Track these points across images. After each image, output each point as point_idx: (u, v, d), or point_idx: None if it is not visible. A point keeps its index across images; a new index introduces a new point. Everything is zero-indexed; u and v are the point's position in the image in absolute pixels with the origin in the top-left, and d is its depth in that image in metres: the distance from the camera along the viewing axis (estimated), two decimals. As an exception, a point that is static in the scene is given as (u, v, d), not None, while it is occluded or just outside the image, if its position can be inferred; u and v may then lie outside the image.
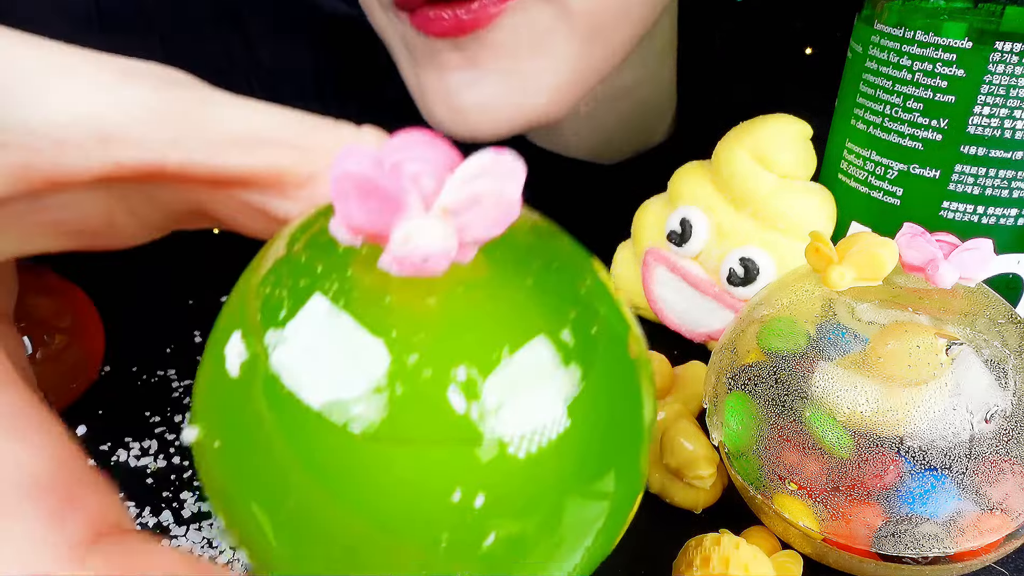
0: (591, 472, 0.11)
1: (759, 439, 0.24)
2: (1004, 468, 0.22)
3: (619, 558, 0.26)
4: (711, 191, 0.33)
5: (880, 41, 0.29)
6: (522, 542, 0.11)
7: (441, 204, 0.10)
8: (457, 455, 0.10)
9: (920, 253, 0.24)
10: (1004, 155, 0.27)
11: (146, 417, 0.32)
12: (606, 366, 0.11)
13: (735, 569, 0.22)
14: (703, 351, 0.36)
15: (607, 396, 0.11)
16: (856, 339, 0.23)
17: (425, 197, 0.10)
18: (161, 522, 0.27)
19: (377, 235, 0.11)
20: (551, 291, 0.11)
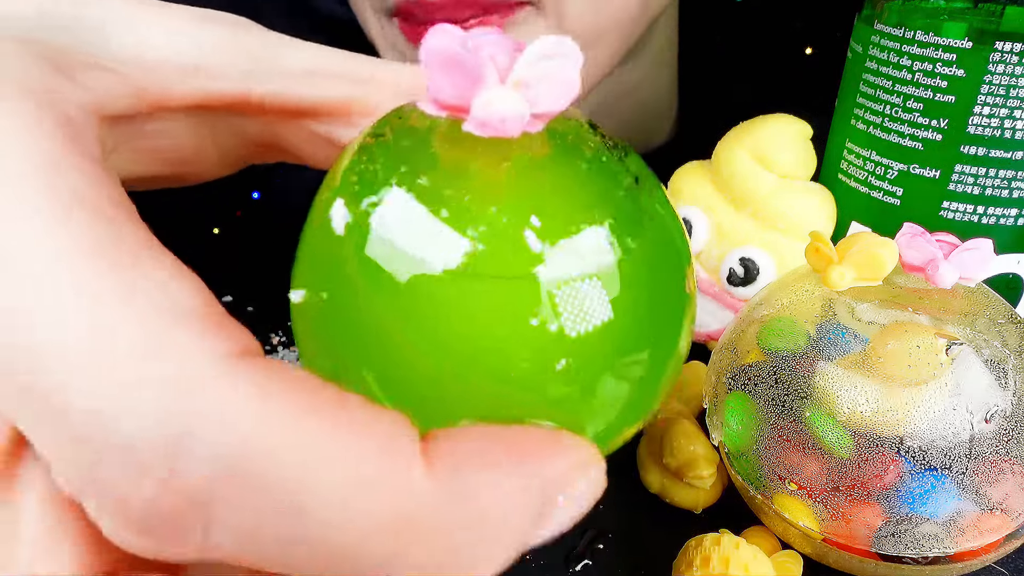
0: (640, 316, 0.13)
1: (759, 439, 0.24)
2: (1004, 468, 0.22)
3: (619, 558, 0.26)
4: (711, 191, 0.33)
5: (880, 41, 0.29)
6: (585, 372, 0.13)
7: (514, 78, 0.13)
8: (533, 287, 0.12)
9: (920, 253, 0.24)
10: (1004, 155, 0.27)
11: (146, 417, 0.32)
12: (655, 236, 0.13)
13: (735, 569, 0.22)
14: (703, 351, 0.36)
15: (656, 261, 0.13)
16: (856, 339, 0.23)
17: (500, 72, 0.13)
18: (161, 522, 0.27)
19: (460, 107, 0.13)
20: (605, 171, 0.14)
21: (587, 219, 0.12)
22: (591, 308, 0.12)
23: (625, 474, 0.29)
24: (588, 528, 0.27)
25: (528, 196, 0.12)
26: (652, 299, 0.13)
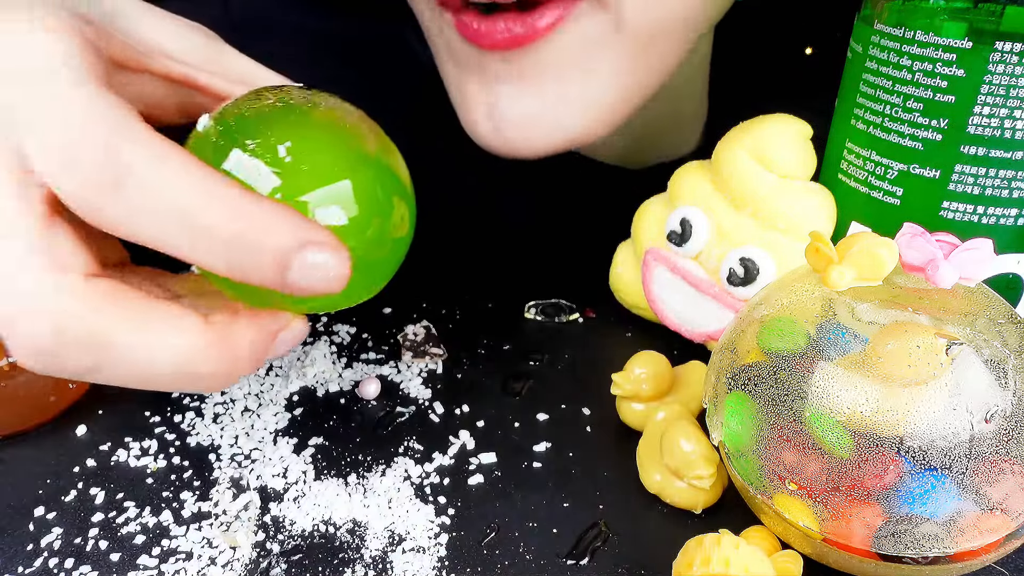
0: None
1: (759, 439, 0.24)
2: (1004, 468, 0.22)
3: (619, 558, 0.26)
4: (711, 191, 0.33)
5: (880, 41, 0.29)
6: None
7: None
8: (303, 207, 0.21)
9: (920, 253, 0.24)
10: (1004, 155, 0.27)
11: (146, 417, 0.32)
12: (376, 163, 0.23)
13: (735, 569, 0.22)
14: (703, 351, 0.36)
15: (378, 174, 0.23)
16: (856, 339, 0.23)
17: None
18: (161, 522, 0.27)
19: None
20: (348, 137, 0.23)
21: (335, 175, 0.21)
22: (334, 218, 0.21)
23: (625, 474, 0.29)
24: (588, 527, 0.27)
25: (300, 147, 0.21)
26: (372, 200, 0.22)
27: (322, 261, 0.19)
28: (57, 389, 0.31)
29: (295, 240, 0.19)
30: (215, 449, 0.30)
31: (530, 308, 0.40)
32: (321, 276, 0.19)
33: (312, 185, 0.21)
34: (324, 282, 0.20)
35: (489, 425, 0.32)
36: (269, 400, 0.33)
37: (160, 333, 0.20)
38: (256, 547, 0.26)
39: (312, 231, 0.19)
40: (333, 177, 0.21)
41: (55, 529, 0.27)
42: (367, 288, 0.23)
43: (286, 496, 0.28)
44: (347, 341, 0.37)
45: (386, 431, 0.32)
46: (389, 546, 0.26)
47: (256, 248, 0.19)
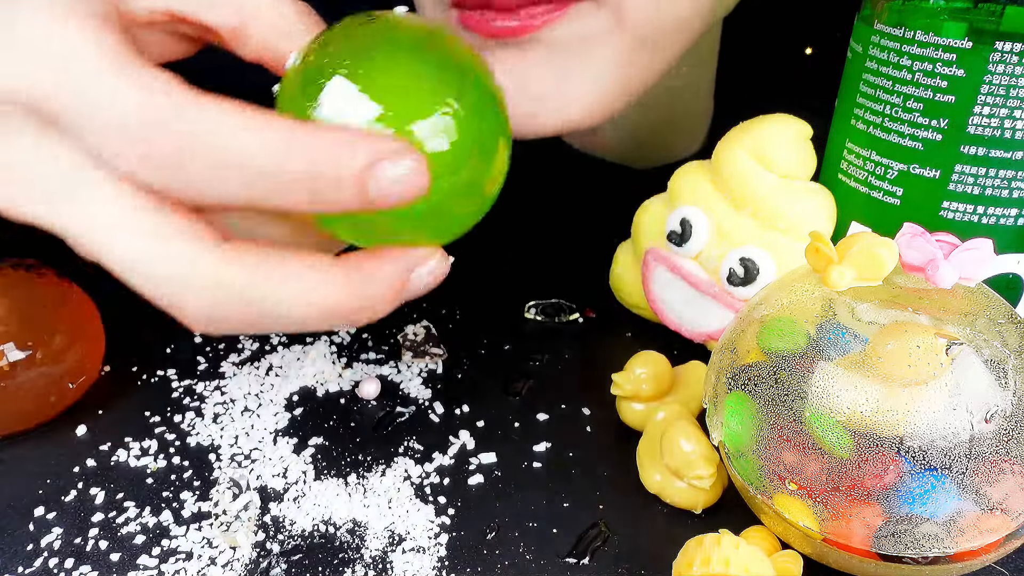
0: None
1: (759, 439, 0.24)
2: (1004, 468, 0.22)
3: (619, 558, 0.26)
4: (711, 191, 0.33)
5: (880, 41, 0.29)
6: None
7: None
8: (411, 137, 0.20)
9: (920, 253, 0.24)
10: (1004, 155, 0.27)
11: (146, 417, 0.32)
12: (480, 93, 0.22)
13: (735, 569, 0.22)
14: (703, 351, 0.36)
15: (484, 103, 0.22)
16: (856, 339, 0.23)
17: None
18: (161, 522, 0.27)
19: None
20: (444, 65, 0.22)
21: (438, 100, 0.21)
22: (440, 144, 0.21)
23: (625, 474, 0.29)
24: (588, 527, 0.27)
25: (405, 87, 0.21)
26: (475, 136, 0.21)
27: (396, 170, 0.19)
28: (57, 389, 0.31)
29: (366, 158, 0.19)
30: (215, 449, 0.30)
31: (530, 308, 0.40)
32: (401, 184, 0.20)
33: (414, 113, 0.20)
34: (405, 190, 0.20)
35: (489, 425, 0.32)
36: (269, 400, 0.33)
37: (300, 281, 0.21)
38: (256, 547, 0.26)
39: (380, 144, 0.19)
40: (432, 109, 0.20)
41: (55, 529, 0.27)
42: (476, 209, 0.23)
43: (286, 496, 0.28)
44: (347, 341, 0.37)
45: (386, 431, 0.32)
46: (389, 546, 0.26)
47: (330, 176, 0.19)
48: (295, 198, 0.20)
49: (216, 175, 0.19)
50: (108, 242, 0.20)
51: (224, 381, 0.34)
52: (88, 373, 0.32)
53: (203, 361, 0.35)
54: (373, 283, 0.21)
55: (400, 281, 0.22)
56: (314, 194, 0.20)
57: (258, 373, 0.35)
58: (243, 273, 0.20)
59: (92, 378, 0.32)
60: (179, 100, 0.20)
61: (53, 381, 0.30)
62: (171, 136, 0.19)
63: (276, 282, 0.20)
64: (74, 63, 0.20)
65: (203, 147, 0.19)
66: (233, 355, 0.36)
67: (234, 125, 0.19)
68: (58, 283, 0.31)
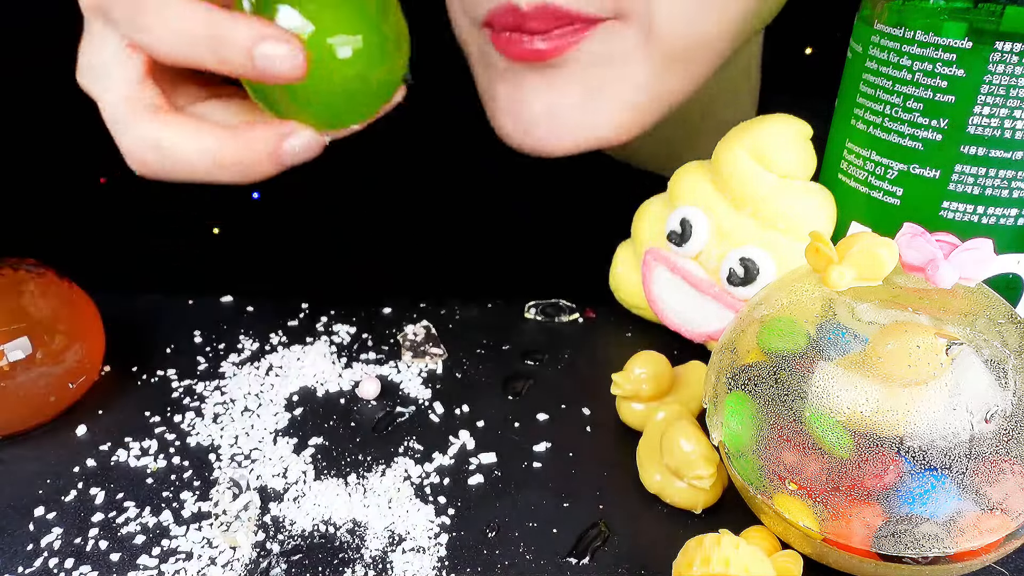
0: None
1: (759, 439, 0.24)
2: (1004, 468, 0.22)
3: (619, 558, 0.26)
4: (711, 191, 0.33)
5: (880, 41, 0.29)
6: None
7: None
8: None
9: (920, 253, 0.24)
10: (1004, 155, 0.27)
11: (146, 417, 0.32)
12: None
13: (735, 569, 0.22)
14: (703, 351, 0.36)
15: None
16: (856, 339, 0.23)
17: None
18: (161, 522, 0.27)
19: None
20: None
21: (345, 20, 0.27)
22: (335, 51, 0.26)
23: (625, 474, 0.29)
24: (589, 527, 0.27)
25: None
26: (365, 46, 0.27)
27: (277, 50, 0.25)
28: (57, 389, 0.31)
29: (254, 34, 0.25)
30: (215, 449, 0.30)
31: (530, 308, 0.40)
32: (278, 60, 0.25)
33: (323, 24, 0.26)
34: (283, 64, 0.25)
35: (489, 425, 0.32)
36: (269, 400, 0.33)
37: (193, 133, 0.27)
38: (256, 547, 0.26)
39: (269, 30, 0.25)
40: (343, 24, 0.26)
41: (55, 529, 0.27)
42: (358, 110, 0.29)
43: (286, 496, 0.28)
44: (347, 341, 0.37)
45: (386, 431, 0.32)
46: (389, 546, 0.26)
47: (228, 41, 0.25)
48: (208, 56, 0.26)
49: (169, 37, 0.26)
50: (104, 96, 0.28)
51: (224, 381, 0.34)
52: (88, 373, 0.32)
53: (203, 361, 0.35)
54: (250, 136, 0.27)
55: (273, 143, 0.27)
56: (218, 54, 0.26)
57: (258, 373, 0.35)
58: (159, 128, 0.27)
59: (92, 378, 0.32)
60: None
61: (53, 381, 0.30)
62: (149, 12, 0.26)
63: (180, 136, 0.27)
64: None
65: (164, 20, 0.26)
66: (233, 355, 0.36)
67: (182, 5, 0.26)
68: (58, 283, 0.31)
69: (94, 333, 0.32)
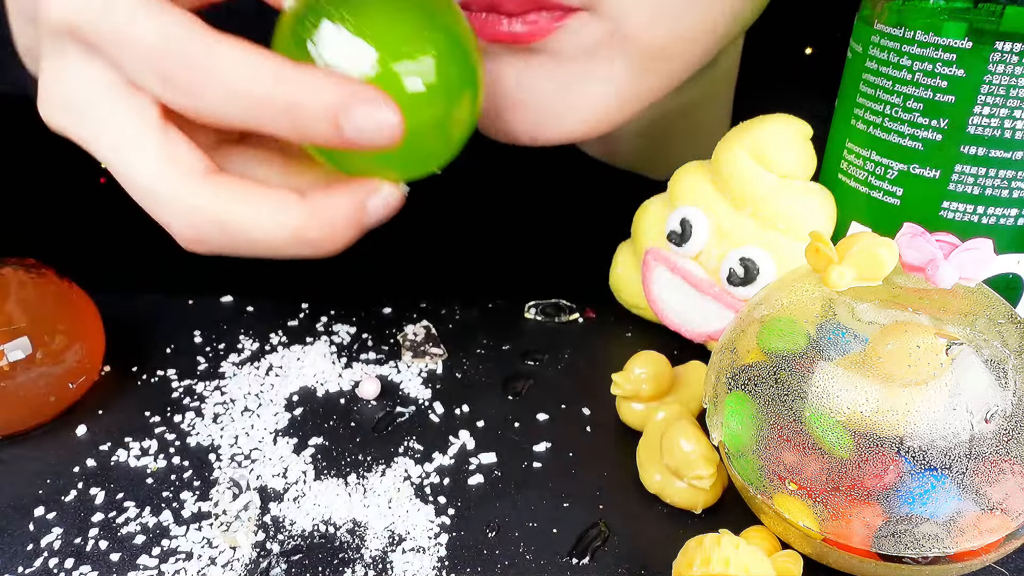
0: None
1: (759, 439, 0.24)
2: (1004, 468, 0.22)
3: (619, 558, 0.26)
4: (711, 191, 0.33)
5: (880, 41, 0.29)
6: None
7: None
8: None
9: (920, 253, 0.24)
10: (1004, 155, 0.27)
11: (146, 417, 0.32)
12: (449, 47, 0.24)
13: (735, 569, 0.22)
14: (703, 351, 0.36)
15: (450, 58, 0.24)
16: (856, 339, 0.23)
17: None
18: (161, 522, 0.27)
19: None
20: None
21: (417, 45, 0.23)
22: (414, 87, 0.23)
23: (625, 474, 0.29)
24: (589, 527, 0.27)
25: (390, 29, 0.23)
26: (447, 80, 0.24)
27: (369, 115, 0.22)
28: (57, 389, 0.31)
29: (343, 97, 0.22)
30: (215, 449, 0.30)
31: (530, 308, 0.40)
32: (372, 129, 0.22)
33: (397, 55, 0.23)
34: (376, 135, 0.22)
35: (489, 425, 0.32)
36: (269, 400, 0.33)
37: (268, 210, 0.24)
38: (256, 547, 0.26)
39: (359, 89, 0.22)
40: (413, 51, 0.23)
41: (55, 529, 0.27)
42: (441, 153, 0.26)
43: (286, 496, 0.28)
44: (347, 341, 0.37)
45: (386, 431, 0.32)
46: (389, 546, 0.26)
47: (309, 108, 0.22)
48: (281, 125, 0.23)
49: (219, 99, 0.22)
50: (121, 161, 0.24)
51: (224, 381, 0.34)
52: (88, 373, 0.32)
53: (203, 361, 0.35)
54: (330, 209, 0.24)
55: (355, 209, 0.25)
56: (295, 123, 0.22)
57: (258, 373, 0.35)
58: (220, 200, 0.23)
59: (92, 378, 0.32)
60: (193, 33, 0.22)
61: (53, 381, 0.30)
62: (186, 63, 0.22)
63: (247, 209, 0.24)
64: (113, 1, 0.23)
65: (210, 75, 0.22)
66: (233, 355, 0.36)
67: (236, 57, 0.22)
68: (58, 283, 0.31)
69: (94, 333, 0.32)
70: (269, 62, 0.22)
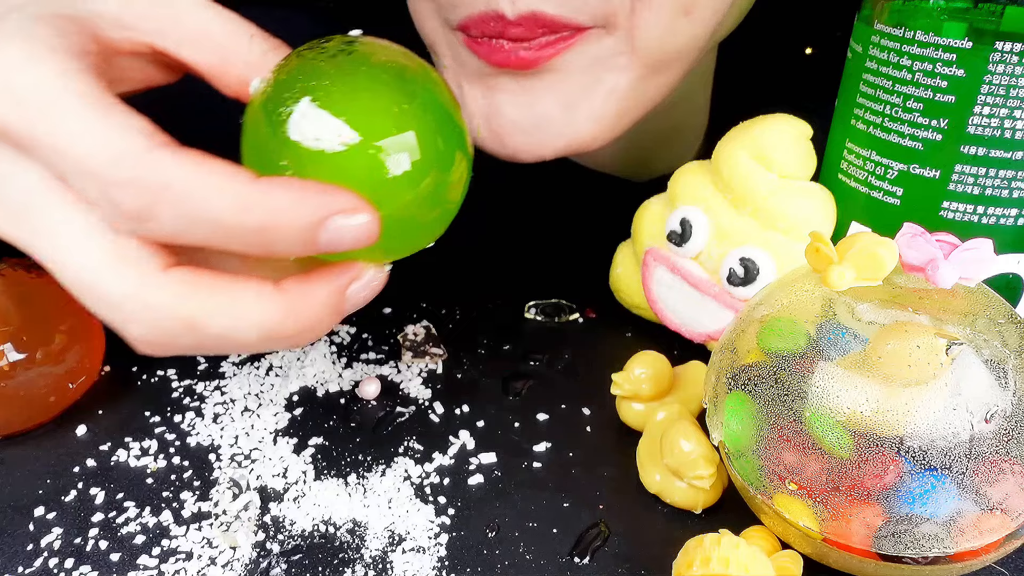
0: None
1: (759, 439, 0.24)
2: (1004, 468, 0.22)
3: (619, 558, 0.26)
4: (711, 191, 0.33)
5: (880, 41, 0.29)
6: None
7: None
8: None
9: (920, 253, 0.24)
10: (1004, 155, 0.27)
11: (146, 417, 0.32)
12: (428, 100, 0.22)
13: (735, 569, 0.22)
14: (703, 351, 0.36)
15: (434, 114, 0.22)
16: (856, 339, 0.23)
17: None
18: (161, 522, 0.27)
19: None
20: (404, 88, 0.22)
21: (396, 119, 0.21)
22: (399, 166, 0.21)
23: (625, 474, 0.29)
24: (589, 527, 0.27)
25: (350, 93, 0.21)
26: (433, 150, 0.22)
27: (348, 224, 0.21)
28: (57, 389, 0.31)
29: (317, 215, 0.20)
30: (215, 449, 0.30)
31: (530, 308, 0.40)
32: (351, 237, 0.21)
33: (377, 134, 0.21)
34: (355, 241, 0.21)
35: (489, 425, 0.32)
36: (269, 400, 0.33)
37: (241, 308, 0.21)
38: (256, 547, 0.26)
39: (331, 200, 0.20)
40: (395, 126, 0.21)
41: (55, 529, 0.27)
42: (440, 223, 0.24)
43: (286, 496, 0.28)
44: (347, 341, 0.37)
45: (386, 431, 0.32)
46: (389, 546, 0.26)
47: (281, 231, 0.20)
48: (251, 246, 0.21)
49: (179, 225, 0.20)
50: (62, 262, 0.21)
51: (224, 381, 0.34)
52: (88, 373, 0.32)
53: (203, 361, 0.35)
54: (309, 303, 0.22)
55: (335, 299, 0.23)
56: (267, 244, 0.21)
57: (258, 373, 0.35)
58: (185, 298, 0.21)
59: (92, 378, 0.32)
60: (148, 155, 0.20)
61: (53, 381, 0.30)
62: (139, 190, 0.20)
63: (217, 306, 0.21)
64: (49, 102, 0.21)
65: (169, 202, 0.20)
66: (233, 355, 0.36)
67: (197, 182, 0.20)
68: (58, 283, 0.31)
69: (94, 333, 0.32)
70: (235, 187, 0.20)
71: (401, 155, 0.21)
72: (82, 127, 0.20)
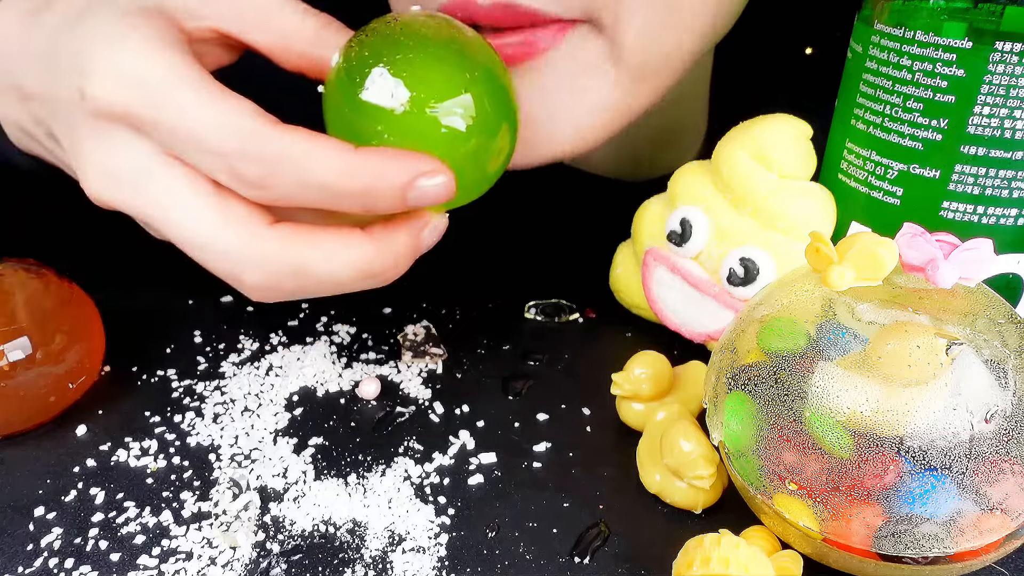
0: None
1: (759, 439, 0.24)
2: (1004, 468, 0.22)
3: (619, 558, 0.26)
4: (711, 191, 0.33)
5: (880, 41, 0.29)
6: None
7: None
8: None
9: (920, 253, 0.24)
10: (1004, 155, 0.27)
11: (146, 417, 0.32)
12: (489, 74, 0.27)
13: (735, 569, 0.22)
14: (703, 351, 0.36)
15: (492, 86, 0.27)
16: (856, 339, 0.23)
17: None
18: (161, 522, 0.27)
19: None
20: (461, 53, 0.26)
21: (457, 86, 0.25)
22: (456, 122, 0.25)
23: (625, 474, 0.29)
24: (589, 527, 0.27)
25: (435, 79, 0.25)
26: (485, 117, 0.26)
27: (430, 184, 0.24)
28: (57, 389, 0.31)
29: (409, 177, 0.24)
30: (215, 449, 0.30)
31: (530, 308, 0.40)
32: (432, 194, 0.25)
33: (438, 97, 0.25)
34: (436, 198, 0.25)
35: (489, 425, 0.32)
36: (269, 400, 0.33)
37: (338, 251, 0.25)
38: (256, 547, 0.26)
39: (419, 163, 0.24)
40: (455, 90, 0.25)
41: (55, 529, 0.27)
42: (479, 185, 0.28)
43: (286, 496, 0.28)
44: (347, 341, 0.37)
45: (386, 431, 0.32)
46: (389, 546, 0.26)
47: (380, 191, 0.24)
48: (352, 206, 0.25)
49: (293, 190, 0.24)
50: (179, 224, 0.25)
51: (224, 381, 0.34)
52: (88, 373, 0.32)
53: (203, 361, 0.35)
54: (394, 245, 0.26)
55: (414, 240, 0.27)
56: (366, 203, 0.24)
57: (258, 373, 0.35)
58: (291, 247, 0.25)
59: (92, 378, 0.32)
60: (256, 126, 0.24)
61: (53, 381, 0.30)
62: (260, 162, 0.24)
63: (318, 252, 0.25)
64: (168, 89, 0.24)
65: (286, 171, 0.24)
66: (233, 355, 0.36)
67: (310, 153, 0.24)
68: (58, 283, 0.31)
69: (94, 333, 0.32)
70: (342, 155, 0.24)
71: (455, 118, 0.25)
72: (202, 111, 0.23)
